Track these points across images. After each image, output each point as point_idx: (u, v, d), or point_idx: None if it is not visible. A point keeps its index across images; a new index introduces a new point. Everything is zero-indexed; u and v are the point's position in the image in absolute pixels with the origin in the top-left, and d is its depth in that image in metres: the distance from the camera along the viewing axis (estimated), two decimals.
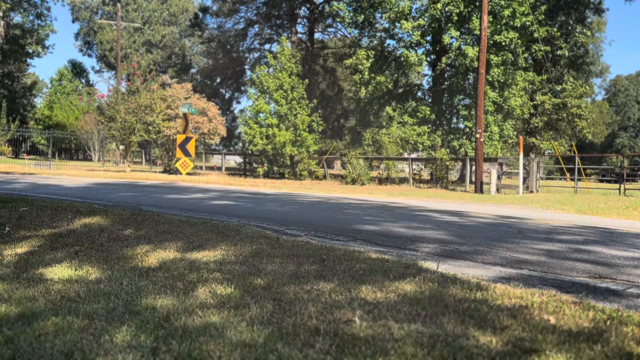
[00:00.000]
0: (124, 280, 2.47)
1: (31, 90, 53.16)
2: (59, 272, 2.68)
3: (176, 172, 19.79)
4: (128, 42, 45.78)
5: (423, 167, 22.10)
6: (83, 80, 49.64)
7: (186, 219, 3.99)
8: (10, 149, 35.35)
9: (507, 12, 20.90)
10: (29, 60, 42.62)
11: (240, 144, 42.66)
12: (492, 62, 21.11)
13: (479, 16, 19.98)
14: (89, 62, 67.78)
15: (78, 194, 6.05)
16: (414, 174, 20.74)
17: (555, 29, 24.37)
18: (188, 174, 19.16)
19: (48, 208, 4.48)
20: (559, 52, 26.46)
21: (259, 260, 2.83)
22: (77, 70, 50.53)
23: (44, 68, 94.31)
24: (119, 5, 31.62)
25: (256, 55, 39.75)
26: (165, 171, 21.70)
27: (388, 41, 25.07)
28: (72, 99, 37.55)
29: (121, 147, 25.75)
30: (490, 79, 21.26)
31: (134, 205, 5.00)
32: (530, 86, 24.54)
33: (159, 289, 2.30)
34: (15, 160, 29.45)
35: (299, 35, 37.71)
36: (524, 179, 16.77)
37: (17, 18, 35.33)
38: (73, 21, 50.98)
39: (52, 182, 9.04)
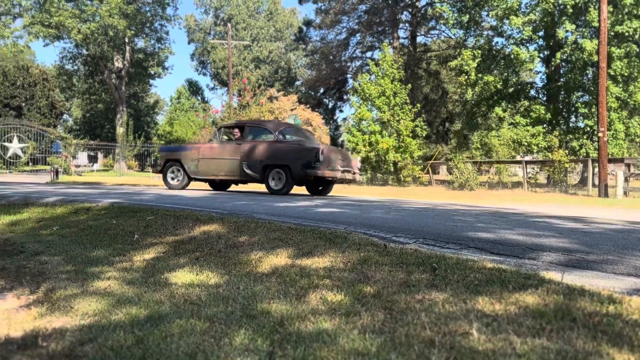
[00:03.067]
0: (241, 285, 2.58)
1: (154, 109, 58.22)
2: (181, 276, 2.86)
3: None
4: (238, 59, 48.45)
5: (538, 170, 20.78)
6: (199, 98, 53.34)
7: (295, 226, 4.08)
8: (137, 163, 38.86)
9: (629, 1, 19.04)
10: (151, 81, 46.63)
11: None
12: (613, 55, 19.32)
13: (597, 7, 18.50)
14: (204, 80, 72.93)
15: (197, 204, 6.47)
16: (529, 178, 19.55)
17: None
18: None
19: (171, 217, 4.83)
20: None
21: (367, 267, 2.80)
22: (193, 88, 54.44)
23: (164, 88, 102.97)
24: (229, 25, 33.57)
25: (358, 63, 40.09)
26: None
27: (496, 39, 23.98)
28: (189, 116, 40.45)
29: None
30: (612, 73, 19.46)
31: (248, 213, 5.22)
32: None
33: (272, 294, 2.37)
34: (141, 174, 32.34)
35: (401, 40, 37.40)
36: None
37: (140, 43, 38.87)
38: (189, 43, 55.09)
39: (175, 192, 9.77)
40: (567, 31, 20.57)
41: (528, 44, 22.71)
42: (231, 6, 51.38)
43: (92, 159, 41.84)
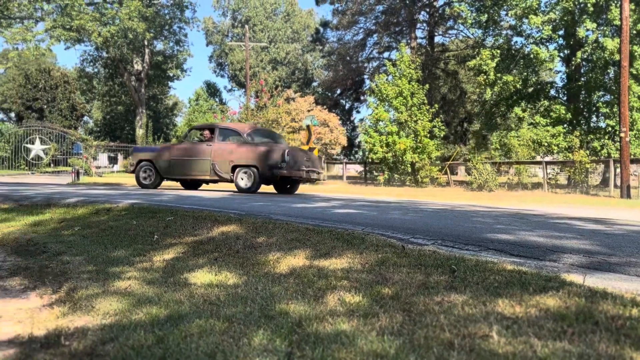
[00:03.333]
0: (259, 285, 2.59)
1: (172, 111, 58.71)
2: (200, 276, 2.88)
3: None
4: (256, 61, 48.67)
5: (559, 170, 20.49)
6: (217, 99, 53.68)
7: (312, 227, 4.08)
8: None
9: None
10: (169, 83, 47.07)
11: (361, 153, 43.07)
12: (635, 53, 18.98)
13: (618, 5, 18.20)
14: (222, 82, 73.30)
15: (216, 204, 6.51)
16: (549, 179, 19.28)
17: None
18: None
19: (190, 217, 4.87)
20: None
21: (385, 269, 2.79)
22: (212, 90, 54.83)
23: (182, 90, 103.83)
24: (246, 27, 33.77)
25: (375, 64, 39.98)
26: None
27: (515, 39, 23.69)
28: (207, 117, 40.77)
29: None
30: (634, 72, 19.11)
31: (265, 214, 5.25)
32: None
33: (290, 295, 2.38)
34: None
35: (419, 41, 37.19)
36: None
37: (159, 46, 39.28)
38: (207, 45, 55.45)
39: (193, 193, 9.85)
40: (587, 30, 20.25)
41: (548, 43, 22.42)
42: (249, 8, 51.66)
43: (113, 160, 42.36)
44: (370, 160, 24.64)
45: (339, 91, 43.74)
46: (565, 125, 21.48)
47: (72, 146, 27.59)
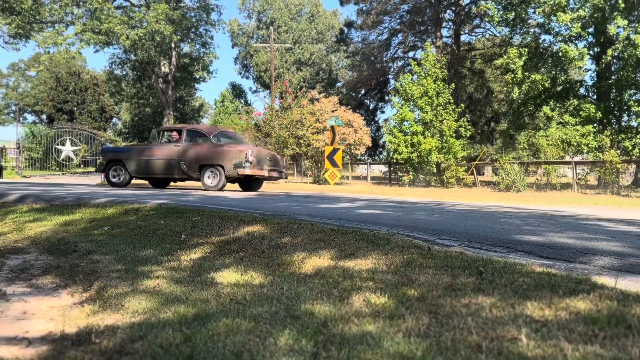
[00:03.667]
0: (284, 285, 2.61)
1: (199, 112, 59.46)
2: (227, 276, 2.91)
3: (325, 182, 20.53)
4: (280, 62, 48.88)
5: (589, 171, 20.03)
6: (242, 101, 54.08)
7: (337, 228, 4.08)
8: None
9: None
10: (196, 85, 47.55)
11: (385, 153, 42.84)
12: None
13: None
14: (247, 84, 74.02)
15: (241, 205, 6.57)
16: (578, 179, 18.87)
17: None
18: (336, 184, 19.75)
19: (216, 217, 4.92)
20: None
21: (411, 270, 2.77)
22: (237, 91, 55.30)
23: (209, 91, 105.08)
24: (271, 29, 33.95)
25: (400, 64, 39.72)
26: (315, 182, 22.60)
27: (543, 36, 23.24)
28: (233, 118, 41.08)
29: None
30: None
31: (290, 214, 5.27)
32: None
33: (315, 295, 2.38)
34: None
35: (444, 39, 36.81)
36: None
37: (185, 48, 39.75)
38: (232, 47, 55.97)
39: (219, 194, 9.95)
40: (618, 27, 19.73)
41: (577, 41, 21.93)
42: (273, 10, 51.95)
43: None
44: (394, 160, 24.49)
45: (363, 91, 43.61)
46: (595, 125, 20.98)
47: (101, 147, 28.17)
